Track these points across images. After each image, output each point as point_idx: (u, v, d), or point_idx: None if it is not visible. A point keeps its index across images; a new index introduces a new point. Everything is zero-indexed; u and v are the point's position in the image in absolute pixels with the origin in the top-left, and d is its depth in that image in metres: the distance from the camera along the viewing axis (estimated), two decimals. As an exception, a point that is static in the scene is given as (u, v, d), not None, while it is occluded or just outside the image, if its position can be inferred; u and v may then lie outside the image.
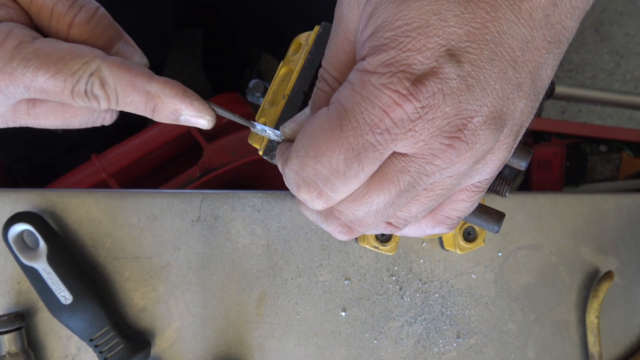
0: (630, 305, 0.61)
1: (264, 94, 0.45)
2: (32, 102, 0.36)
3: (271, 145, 0.40)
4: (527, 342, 0.58)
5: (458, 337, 0.56)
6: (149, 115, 0.35)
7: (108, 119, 0.38)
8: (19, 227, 0.46)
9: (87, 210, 0.51)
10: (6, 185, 0.90)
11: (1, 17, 0.33)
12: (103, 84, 0.33)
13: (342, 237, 0.35)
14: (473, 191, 0.34)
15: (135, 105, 0.34)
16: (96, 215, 0.51)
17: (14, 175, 0.91)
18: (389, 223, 0.35)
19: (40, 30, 0.36)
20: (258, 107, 0.45)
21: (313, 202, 0.32)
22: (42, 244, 0.46)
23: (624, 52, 1.84)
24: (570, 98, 1.10)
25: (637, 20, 1.86)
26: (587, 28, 1.84)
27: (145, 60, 0.37)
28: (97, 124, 0.38)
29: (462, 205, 0.35)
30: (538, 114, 1.06)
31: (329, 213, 0.34)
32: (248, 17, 0.94)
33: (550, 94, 1.07)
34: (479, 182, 0.34)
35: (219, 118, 0.36)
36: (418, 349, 0.55)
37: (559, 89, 1.07)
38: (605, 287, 0.57)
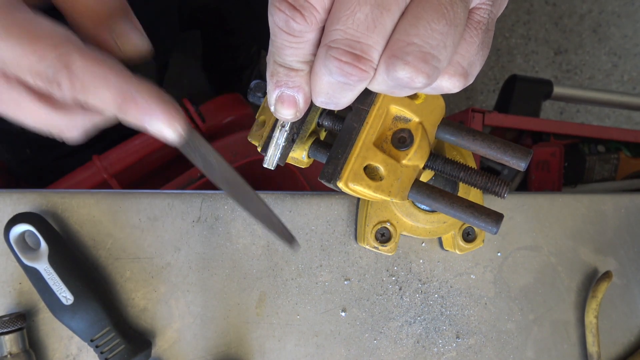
0: (628, 305, 0.61)
1: (265, 94, 0.45)
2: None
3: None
4: (526, 342, 0.58)
5: (457, 337, 0.57)
6: (115, 114, 0.32)
7: (69, 133, 0.35)
8: (21, 228, 0.46)
9: (88, 210, 0.51)
10: (8, 186, 0.90)
11: None
12: (69, 72, 0.31)
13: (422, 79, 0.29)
14: (475, 28, 0.31)
15: (103, 101, 0.32)
16: (97, 216, 0.51)
17: (17, 176, 0.91)
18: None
19: None
20: (259, 107, 0.45)
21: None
22: (44, 244, 0.46)
23: (621, 53, 1.85)
24: (569, 99, 1.11)
25: (635, 22, 1.87)
26: (585, 29, 1.85)
27: (146, 42, 0.35)
28: (55, 134, 0.36)
29: (472, 48, 0.31)
30: (536, 115, 1.06)
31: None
32: (248, 17, 0.94)
33: (548, 94, 1.07)
34: (478, 14, 0.31)
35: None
36: (418, 349, 0.56)
37: (557, 90, 1.07)
38: (603, 287, 0.57)
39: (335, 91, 0.31)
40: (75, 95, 0.32)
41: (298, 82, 0.32)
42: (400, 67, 0.29)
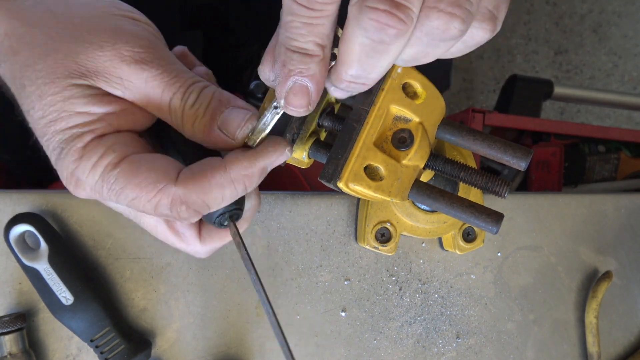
0: (628, 305, 0.61)
1: (264, 94, 0.45)
2: None
3: None
4: (526, 342, 0.58)
5: (457, 337, 0.56)
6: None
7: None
8: (21, 228, 0.46)
9: (88, 211, 0.51)
10: (8, 186, 0.90)
11: (105, 130, 0.35)
12: (182, 206, 0.35)
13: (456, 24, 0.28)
14: None
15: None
16: (97, 216, 0.51)
17: (17, 176, 0.91)
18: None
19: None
20: (259, 108, 0.45)
21: None
22: (43, 244, 0.46)
23: (622, 53, 1.85)
24: (569, 99, 1.11)
25: (635, 22, 1.87)
26: (586, 29, 1.85)
27: (251, 112, 0.38)
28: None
29: None
30: (536, 115, 1.06)
31: None
32: (250, 17, 0.94)
33: (548, 94, 1.07)
34: None
35: None
36: (418, 349, 0.56)
37: (558, 90, 1.07)
38: (603, 287, 0.57)
39: (369, 56, 0.29)
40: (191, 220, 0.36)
41: (313, 70, 0.31)
42: (435, 16, 0.27)
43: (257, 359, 0.53)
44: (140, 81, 0.35)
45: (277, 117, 0.37)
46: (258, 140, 0.38)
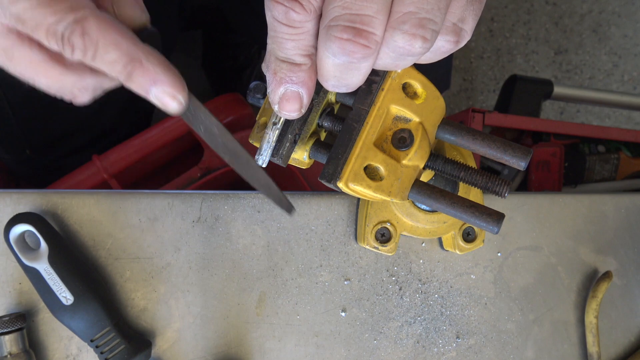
0: (628, 305, 0.61)
1: (264, 95, 0.45)
2: (14, 40, 0.34)
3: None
4: (526, 342, 0.58)
5: (457, 337, 0.57)
6: (121, 78, 0.33)
7: (79, 95, 0.36)
8: (21, 228, 0.46)
9: (88, 211, 0.51)
10: (8, 186, 0.90)
11: None
12: (83, 34, 0.32)
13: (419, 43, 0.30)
14: None
15: (112, 64, 0.32)
16: (97, 216, 0.51)
17: (17, 176, 0.91)
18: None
19: None
20: (259, 108, 0.45)
21: None
22: (44, 244, 0.46)
23: (622, 53, 1.85)
24: (569, 99, 1.11)
25: (635, 22, 1.87)
26: (586, 29, 1.85)
27: (145, 15, 0.36)
28: (66, 96, 0.36)
29: (459, 3, 0.32)
30: (536, 115, 1.06)
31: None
32: (249, 17, 0.94)
33: (548, 94, 1.07)
34: None
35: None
36: (418, 349, 0.56)
37: (558, 90, 1.07)
38: (603, 287, 0.57)
39: (343, 73, 0.31)
40: (86, 57, 0.32)
41: (302, 77, 0.32)
42: (399, 37, 0.29)
43: (257, 359, 0.53)
44: None
45: (278, 132, 0.38)
46: (266, 158, 0.39)
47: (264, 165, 0.39)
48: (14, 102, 0.74)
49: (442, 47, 0.33)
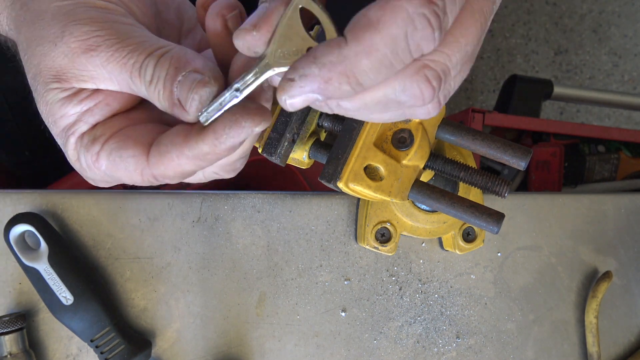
0: (628, 305, 0.61)
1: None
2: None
3: (270, 142, 0.40)
4: (526, 342, 0.58)
5: (457, 337, 0.57)
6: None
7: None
8: (21, 228, 0.46)
9: (88, 211, 0.51)
10: (8, 186, 0.90)
11: (84, 128, 0.35)
12: (152, 178, 0.34)
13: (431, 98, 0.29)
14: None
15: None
16: (97, 216, 0.51)
17: (17, 177, 0.91)
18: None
19: None
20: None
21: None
22: (43, 244, 0.46)
23: (622, 53, 1.85)
24: (569, 99, 1.11)
25: (635, 22, 1.87)
26: (586, 29, 1.85)
27: (202, 75, 0.33)
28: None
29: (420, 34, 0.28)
30: (536, 115, 1.06)
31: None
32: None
33: (548, 94, 1.07)
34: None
35: None
36: (417, 349, 0.56)
37: (558, 90, 1.07)
38: (603, 287, 0.57)
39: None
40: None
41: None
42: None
43: (257, 359, 0.53)
44: (98, 68, 0.33)
45: (235, 101, 0.31)
46: (211, 119, 0.31)
47: (205, 124, 0.32)
48: (13, 104, 0.75)
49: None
